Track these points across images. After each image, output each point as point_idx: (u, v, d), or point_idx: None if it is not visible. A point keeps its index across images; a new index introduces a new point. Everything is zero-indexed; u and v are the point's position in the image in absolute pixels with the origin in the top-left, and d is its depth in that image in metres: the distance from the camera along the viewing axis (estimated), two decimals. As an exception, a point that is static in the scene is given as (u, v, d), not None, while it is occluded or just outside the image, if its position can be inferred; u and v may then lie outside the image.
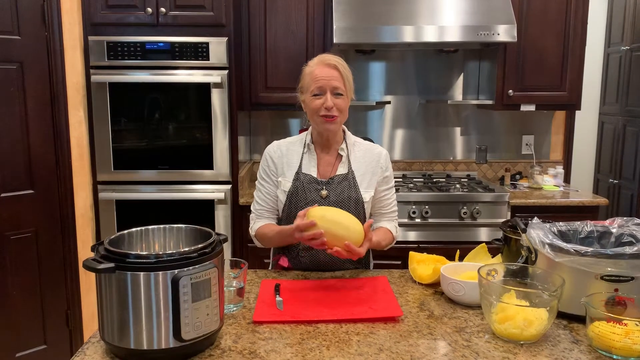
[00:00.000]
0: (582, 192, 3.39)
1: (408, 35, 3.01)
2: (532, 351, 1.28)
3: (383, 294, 1.61)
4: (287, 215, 1.87)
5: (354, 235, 1.60)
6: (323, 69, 1.79)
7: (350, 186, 1.85)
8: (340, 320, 1.44)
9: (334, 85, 1.78)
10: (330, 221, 1.59)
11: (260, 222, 1.91)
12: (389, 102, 3.63)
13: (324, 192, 1.84)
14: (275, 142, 1.96)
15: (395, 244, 1.97)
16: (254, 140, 3.70)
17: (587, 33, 3.27)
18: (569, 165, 3.76)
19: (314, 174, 1.87)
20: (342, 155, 1.90)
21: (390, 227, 1.92)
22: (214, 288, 1.25)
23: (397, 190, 3.05)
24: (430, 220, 3.05)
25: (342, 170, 1.88)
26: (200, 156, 2.98)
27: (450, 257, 1.81)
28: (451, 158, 3.72)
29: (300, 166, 1.88)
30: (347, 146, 1.91)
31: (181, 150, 2.98)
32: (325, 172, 1.89)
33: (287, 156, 1.91)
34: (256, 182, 1.96)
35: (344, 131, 1.94)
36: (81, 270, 2.95)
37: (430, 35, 3.01)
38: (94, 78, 2.90)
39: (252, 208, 1.96)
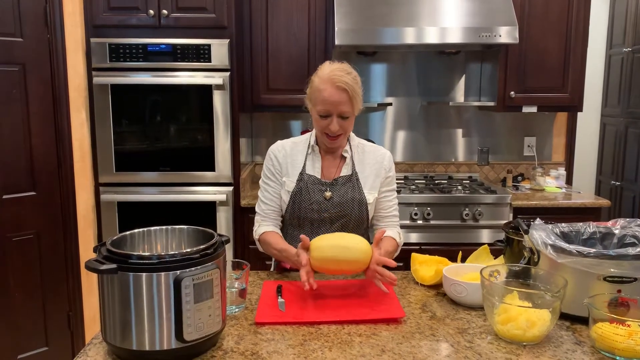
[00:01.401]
0: (584, 194, 3.38)
1: (409, 37, 3.01)
2: (535, 352, 1.27)
3: (385, 296, 1.60)
4: (290, 215, 1.86)
5: (357, 254, 1.57)
6: (332, 92, 1.73)
7: (354, 187, 1.84)
8: (342, 321, 1.44)
9: (342, 111, 1.75)
10: (332, 248, 1.58)
11: (265, 226, 1.88)
12: (390, 104, 3.64)
13: (327, 194, 1.83)
14: (279, 142, 1.95)
15: (397, 245, 1.96)
16: (255, 142, 3.70)
17: (588, 35, 3.27)
18: (571, 167, 3.75)
19: (318, 175, 1.87)
20: (346, 157, 1.89)
21: (392, 234, 1.89)
22: (216, 289, 1.25)
23: (399, 192, 3.05)
24: (432, 221, 3.04)
25: (346, 171, 1.88)
26: (201, 158, 2.98)
27: (453, 259, 1.80)
28: (453, 160, 3.72)
29: (304, 167, 1.87)
30: (351, 148, 1.91)
31: (183, 152, 2.98)
32: (329, 174, 1.88)
33: (291, 156, 1.90)
34: (260, 182, 1.94)
35: (348, 133, 1.94)
36: (83, 271, 2.95)
37: (431, 37, 3.01)
38: (96, 80, 2.90)
39: (257, 209, 1.93)
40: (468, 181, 3.51)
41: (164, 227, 1.44)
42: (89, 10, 2.89)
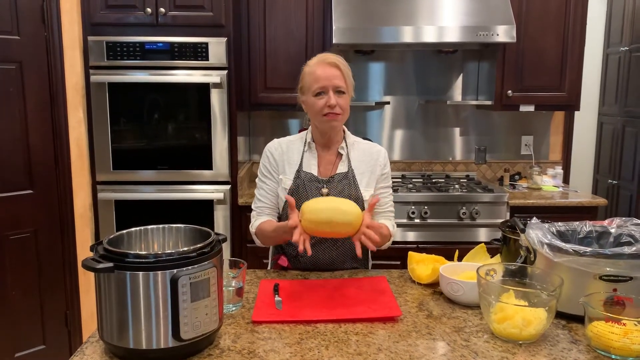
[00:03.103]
0: (581, 192, 3.39)
1: (407, 35, 3.01)
2: (531, 351, 1.28)
3: (382, 294, 1.61)
4: (287, 213, 1.86)
5: (351, 217, 1.58)
6: (324, 68, 1.79)
7: (351, 184, 1.85)
8: (339, 320, 1.44)
9: (336, 84, 1.79)
10: (327, 210, 1.58)
11: (261, 219, 1.90)
12: (388, 103, 3.64)
13: (324, 190, 1.84)
14: (275, 140, 1.96)
15: (395, 244, 1.97)
16: (253, 141, 3.70)
17: (586, 34, 3.28)
18: (568, 165, 3.76)
19: (315, 172, 1.88)
20: (342, 154, 1.90)
21: (387, 223, 1.91)
22: (213, 288, 1.25)
23: (396, 191, 3.06)
24: (429, 220, 3.05)
25: (342, 168, 1.89)
26: (199, 156, 2.98)
27: (449, 257, 1.81)
28: (450, 158, 3.72)
29: (300, 164, 1.89)
30: (346, 145, 1.92)
31: (180, 151, 2.98)
32: (325, 171, 1.90)
33: (287, 154, 1.91)
34: (257, 180, 1.96)
35: (343, 130, 1.95)
36: (80, 270, 2.95)
37: (429, 35, 3.01)
38: (93, 78, 2.90)
39: (253, 206, 1.95)
40: (465, 180, 3.51)
41: (160, 225, 1.44)
42: (86, 8, 2.89)
